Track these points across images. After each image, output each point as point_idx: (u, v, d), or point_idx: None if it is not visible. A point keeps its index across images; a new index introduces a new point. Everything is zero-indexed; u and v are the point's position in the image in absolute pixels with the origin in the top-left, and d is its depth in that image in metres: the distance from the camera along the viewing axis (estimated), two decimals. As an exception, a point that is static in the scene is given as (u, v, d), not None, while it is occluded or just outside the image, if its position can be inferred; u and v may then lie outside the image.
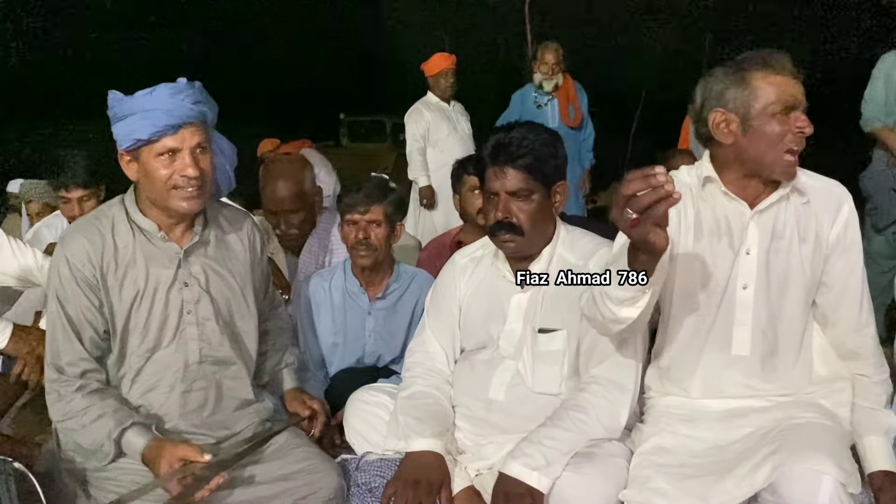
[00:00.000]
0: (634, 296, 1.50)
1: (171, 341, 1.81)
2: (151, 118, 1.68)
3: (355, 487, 1.88)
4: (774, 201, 1.73)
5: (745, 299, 1.74)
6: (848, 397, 1.78)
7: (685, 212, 1.77)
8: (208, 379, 1.85)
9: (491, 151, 1.86)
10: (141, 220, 1.80)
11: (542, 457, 1.66)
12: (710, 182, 1.76)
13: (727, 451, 1.68)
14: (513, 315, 1.94)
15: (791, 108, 1.64)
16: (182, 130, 1.71)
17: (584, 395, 1.78)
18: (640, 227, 1.30)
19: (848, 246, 1.74)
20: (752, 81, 1.66)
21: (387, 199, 2.39)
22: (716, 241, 1.75)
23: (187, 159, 1.72)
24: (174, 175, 1.72)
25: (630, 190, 1.27)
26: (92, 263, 1.75)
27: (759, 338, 1.75)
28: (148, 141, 1.70)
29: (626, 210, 1.29)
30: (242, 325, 1.93)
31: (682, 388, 1.82)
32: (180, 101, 1.70)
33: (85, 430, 1.72)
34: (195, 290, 1.83)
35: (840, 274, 1.75)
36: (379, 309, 2.44)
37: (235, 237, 1.94)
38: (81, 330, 1.76)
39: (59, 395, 1.75)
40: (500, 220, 1.85)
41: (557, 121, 4.94)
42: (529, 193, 1.84)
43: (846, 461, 1.54)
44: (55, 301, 1.76)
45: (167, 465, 1.63)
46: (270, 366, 2.12)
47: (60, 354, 1.75)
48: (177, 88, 1.72)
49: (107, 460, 1.72)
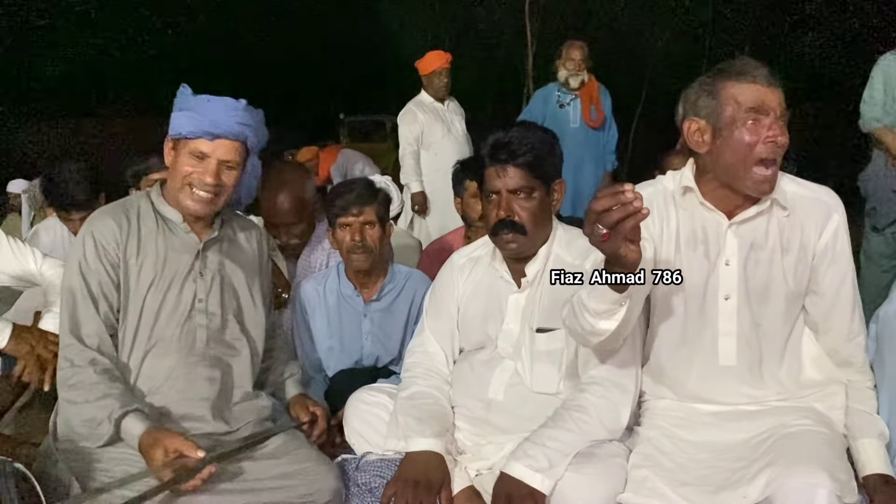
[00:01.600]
0: (611, 308, 1.52)
1: (179, 327, 1.88)
2: (198, 120, 1.84)
3: (355, 487, 1.88)
4: (752, 216, 1.72)
5: (728, 310, 1.74)
6: (841, 401, 1.78)
7: (668, 221, 1.78)
8: (214, 366, 1.90)
9: (490, 150, 1.86)
10: (167, 210, 1.93)
11: (545, 458, 1.66)
12: (689, 191, 1.77)
13: (722, 457, 1.68)
14: (511, 315, 1.94)
15: (761, 115, 1.62)
16: (218, 141, 1.86)
17: (585, 395, 1.78)
18: (611, 242, 1.35)
19: (837, 255, 1.73)
20: (722, 90, 1.66)
21: (377, 199, 2.39)
22: (692, 250, 1.75)
23: (212, 167, 1.86)
24: (194, 174, 1.86)
25: (600, 206, 1.32)
26: (117, 244, 1.86)
27: (745, 347, 1.75)
28: (186, 137, 1.85)
29: (596, 226, 1.34)
30: (249, 320, 2.00)
31: (675, 392, 1.83)
32: (229, 117, 1.85)
33: (88, 405, 1.74)
34: (208, 281, 1.92)
35: (830, 283, 1.74)
36: (374, 311, 2.44)
37: (245, 240, 2.07)
38: (100, 304, 1.84)
39: (71, 364, 1.79)
40: (502, 218, 1.85)
41: (579, 121, 4.90)
42: (531, 191, 1.85)
43: (841, 471, 1.54)
44: (78, 275, 1.84)
45: (162, 454, 1.64)
46: (274, 378, 2.15)
47: (80, 324, 1.82)
48: (232, 106, 1.88)
49: (101, 441, 1.73)
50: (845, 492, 1.48)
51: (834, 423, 1.75)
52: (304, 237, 2.78)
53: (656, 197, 1.80)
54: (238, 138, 1.88)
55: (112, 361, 1.82)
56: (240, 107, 1.88)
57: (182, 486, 1.61)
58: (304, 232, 2.76)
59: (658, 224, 1.77)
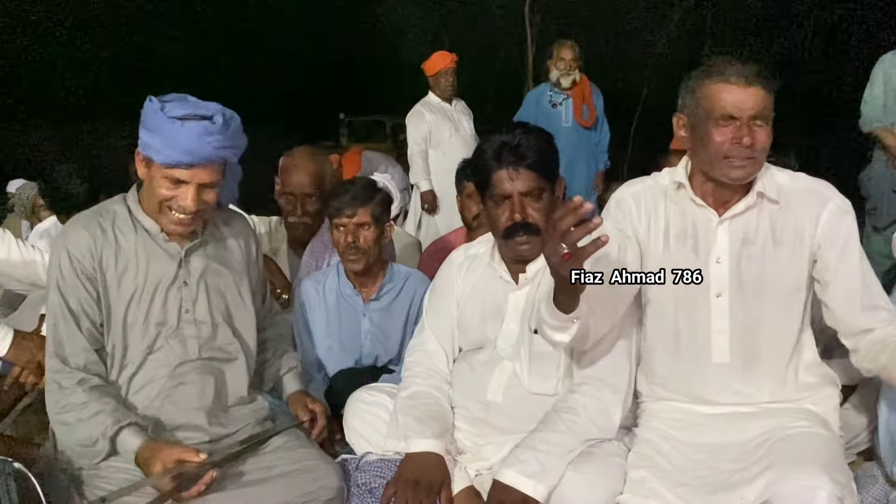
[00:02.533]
0: (563, 325, 1.57)
1: (169, 339, 1.82)
2: (171, 149, 1.68)
3: (355, 488, 1.88)
4: (741, 210, 1.72)
5: (720, 307, 1.74)
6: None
7: (655, 218, 1.78)
8: (207, 375, 1.86)
9: (496, 154, 1.83)
10: (143, 218, 1.83)
11: (538, 463, 1.65)
12: (681, 187, 1.78)
13: (719, 459, 1.68)
14: (510, 315, 1.93)
15: (731, 117, 1.63)
16: (196, 168, 1.72)
17: (575, 396, 1.77)
18: (571, 263, 1.39)
19: (842, 238, 1.70)
20: (701, 88, 1.68)
21: (373, 200, 2.37)
22: (681, 246, 1.75)
23: (190, 193, 1.73)
24: (173, 200, 1.75)
25: (564, 225, 1.36)
26: (92, 256, 1.77)
27: (738, 345, 1.74)
28: (160, 164, 1.72)
29: (560, 245, 1.38)
30: (241, 323, 1.94)
31: (669, 391, 1.82)
32: (206, 143, 1.70)
33: (81, 425, 1.71)
34: (194, 289, 1.85)
35: (838, 266, 1.70)
36: (374, 310, 2.44)
37: (232, 238, 1.98)
38: (81, 321, 1.77)
39: (59, 387, 1.75)
40: (516, 221, 1.84)
41: (571, 120, 4.94)
42: (541, 192, 1.85)
43: (841, 473, 1.53)
44: (56, 293, 1.77)
45: (161, 467, 1.62)
46: (272, 372, 2.11)
47: (63, 345, 1.76)
48: (206, 130, 1.70)
49: (99, 458, 1.72)
50: (845, 493, 1.47)
51: (830, 424, 1.74)
52: (316, 218, 2.82)
53: (645, 193, 1.82)
54: (217, 160, 1.74)
55: (101, 377, 1.77)
56: (215, 129, 1.70)
57: (184, 494, 1.60)
58: (317, 211, 2.81)
59: (645, 221, 1.79)
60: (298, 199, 2.83)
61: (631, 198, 1.82)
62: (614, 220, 1.80)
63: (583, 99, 4.94)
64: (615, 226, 1.77)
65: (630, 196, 1.83)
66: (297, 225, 2.87)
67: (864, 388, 2.05)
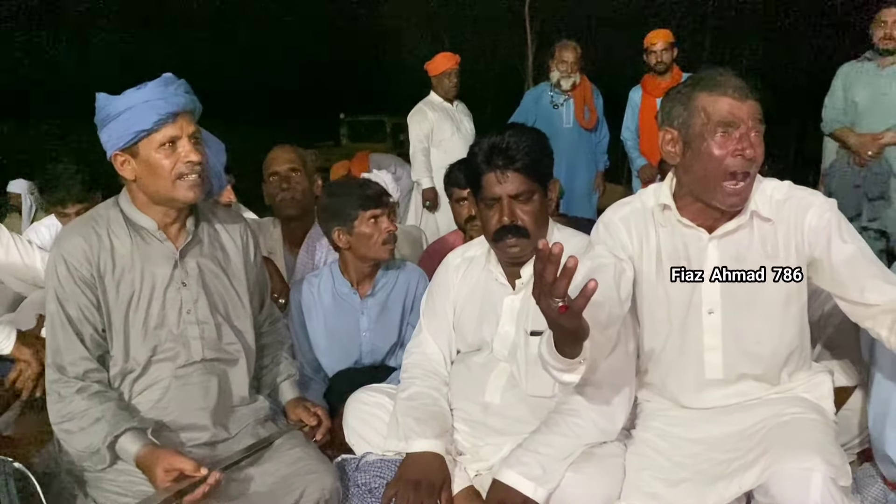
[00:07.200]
0: (570, 367, 1.49)
1: (172, 341, 1.82)
2: (151, 108, 1.71)
3: (355, 488, 1.88)
4: (733, 229, 1.70)
5: (712, 324, 1.73)
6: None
7: (647, 240, 1.77)
8: (211, 375, 1.86)
9: (487, 157, 1.83)
10: (139, 217, 1.82)
11: (539, 465, 1.65)
12: (667, 209, 1.75)
13: (717, 449, 1.69)
14: (506, 318, 1.94)
15: (731, 128, 1.60)
16: (179, 119, 1.74)
17: (577, 398, 1.76)
18: (569, 315, 1.32)
19: (827, 232, 1.66)
20: (693, 101, 1.65)
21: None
22: (674, 266, 1.75)
23: (188, 146, 1.75)
24: (178, 164, 1.75)
25: (549, 277, 1.29)
26: (89, 262, 1.76)
27: (731, 361, 1.74)
28: (149, 131, 1.72)
29: (552, 299, 1.31)
30: (240, 321, 1.94)
31: (665, 400, 1.84)
32: (174, 91, 1.74)
33: (83, 433, 1.71)
34: (193, 289, 1.85)
35: (836, 252, 1.66)
36: (371, 306, 2.44)
37: (228, 237, 1.97)
38: (82, 329, 1.76)
39: (59, 396, 1.74)
40: (505, 224, 1.84)
41: (572, 121, 4.93)
42: (531, 195, 1.84)
43: (835, 455, 1.54)
44: (55, 301, 1.76)
45: (162, 473, 1.61)
46: (270, 379, 2.11)
47: (62, 354, 1.75)
48: (168, 80, 1.76)
49: (104, 464, 1.71)
50: (839, 475, 1.49)
51: (824, 410, 1.74)
52: (304, 199, 2.85)
53: (634, 216, 1.79)
54: (191, 107, 1.78)
55: (102, 383, 1.76)
56: (171, 80, 1.76)
57: (186, 498, 1.59)
58: (304, 192, 2.86)
59: (637, 243, 1.77)
60: (282, 177, 2.85)
61: (620, 222, 1.80)
62: (605, 243, 1.79)
63: (584, 100, 4.93)
64: (607, 249, 1.76)
65: (619, 220, 1.80)
66: (288, 203, 2.86)
67: (862, 389, 2.05)
